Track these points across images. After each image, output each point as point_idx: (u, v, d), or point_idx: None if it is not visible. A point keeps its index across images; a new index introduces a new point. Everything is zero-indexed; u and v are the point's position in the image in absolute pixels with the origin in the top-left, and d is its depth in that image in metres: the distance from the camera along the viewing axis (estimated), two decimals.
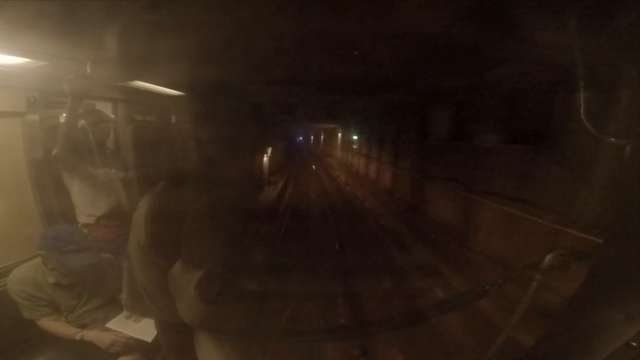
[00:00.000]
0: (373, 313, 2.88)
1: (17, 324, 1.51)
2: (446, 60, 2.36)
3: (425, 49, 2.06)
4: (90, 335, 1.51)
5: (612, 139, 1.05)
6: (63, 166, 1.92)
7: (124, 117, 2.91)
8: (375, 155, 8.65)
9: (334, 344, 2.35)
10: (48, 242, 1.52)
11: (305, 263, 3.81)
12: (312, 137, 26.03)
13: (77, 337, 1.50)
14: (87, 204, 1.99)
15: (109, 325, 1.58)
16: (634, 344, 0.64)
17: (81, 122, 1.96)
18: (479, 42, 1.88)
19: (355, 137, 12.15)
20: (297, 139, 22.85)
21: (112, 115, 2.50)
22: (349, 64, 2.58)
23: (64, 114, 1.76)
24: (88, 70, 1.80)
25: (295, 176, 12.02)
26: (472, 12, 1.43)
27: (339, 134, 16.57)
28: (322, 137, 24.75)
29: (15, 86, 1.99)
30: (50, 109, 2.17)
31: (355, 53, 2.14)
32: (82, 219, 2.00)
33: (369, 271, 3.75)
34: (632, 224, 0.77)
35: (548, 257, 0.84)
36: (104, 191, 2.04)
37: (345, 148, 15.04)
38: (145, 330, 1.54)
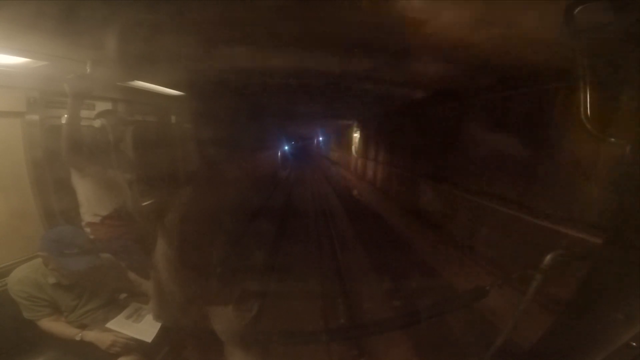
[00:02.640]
0: (373, 313, 2.88)
1: (17, 324, 1.51)
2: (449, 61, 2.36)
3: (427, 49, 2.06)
4: (90, 335, 1.51)
5: (612, 139, 1.05)
6: (73, 165, 1.93)
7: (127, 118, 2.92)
8: (374, 156, 8.61)
9: (334, 344, 2.35)
10: (49, 244, 1.52)
11: (309, 264, 3.81)
12: (312, 137, 25.96)
13: (77, 338, 1.50)
14: (93, 203, 1.99)
15: (109, 325, 1.58)
16: (634, 344, 0.64)
17: (101, 122, 1.98)
18: (478, 42, 1.88)
19: (354, 138, 12.10)
20: (298, 140, 22.78)
21: (129, 117, 2.53)
22: (349, 65, 2.58)
23: (66, 115, 1.77)
24: (88, 70, 1.81)
25: (296, 176, 12.00)
26: (472, 11, 1.43)
27: (339, 135, 16.54)
28: (321, 138, 24.75)
29: (15, 86, 1.99)
30: (50, 109, 2.17)
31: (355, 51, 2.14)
32: (87, 217, 2.00)
33: (369, 271, 3.75)
34: (632, 225, 0.77)
35: (548, 257, 0.84)
36: (111, 191, 2.04)
37: (344, 148, 14.97)
38: (145, 330, 1.54)
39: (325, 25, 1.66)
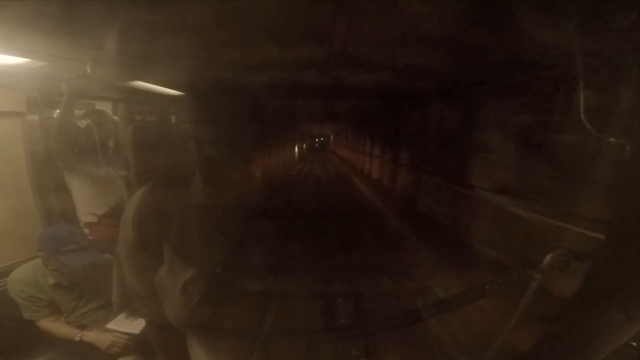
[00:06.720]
0: (373, 313, 2.88)
1: (17, 324, 1.51)
2: (446, 59, 2.36)
3: (425, 48, 2.06)
4: (90, 336, 1.51)
5: (612, 139, 1.05)
6: (64, 165, 1.92)
7: (124, 117, 2.92)
8: (381, 154, 8.53)
9: (334, 344, 2.35)
10: (47, 244, 1.51)
11: (303, 262, 3.81)
12: (315, 138, 25.74)
13: (77, 338, 1.50)
14: (89, 203, 1.99)
15: (109, 325, 1.58)
16: (634, 344, 0.64)
17: (86, 122, 1.97)
18: (478, 41, 1.88)
19: (357, 137, 12.00)
20: (300, 140, 22.67)
21: (115, 117, 2.52)
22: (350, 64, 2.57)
23: (58, 112, 1.77)
24: (88, 70, 1.81)
25: (298, 175, 11.97)
26: (472, 11, 1.43)
27: (342, 134, 16.39)
28: (323, 138, 24.59)
29: (15, 86, 1.99)
30: (50, 109, 2.17)
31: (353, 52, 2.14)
32: (85, 218, 1.99)
33: (371, 270, 3.75)
34: (632, 224, 0.77)
35: (548, 257, 0.84)
36: (106, 190, 2.04)
37: (349, 147, 14.73)
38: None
39: (325, 25, 1.66)
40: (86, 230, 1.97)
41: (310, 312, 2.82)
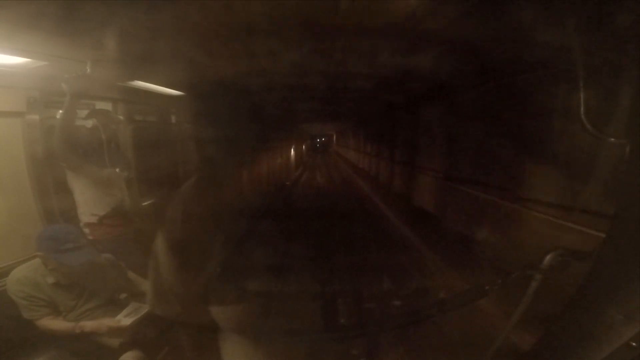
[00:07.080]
0: (374, 313, 2.87)
1: (17, 324, 1.51)
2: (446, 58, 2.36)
3: (425, 47, 2.06)
4: (89, 325, 1.51)
5: (612, 139, 1.05)
6: (67, 166, 1.92)
7: (124, 117, 2.92)
8: (380, 154, 8.50)
9: (334, 344, 2.35)
10: (45, 243, 1.52)
11: (317, 262, 3.79)
12: (317, 138, 25.53)
13: (77, 330, 1.50)
14: (90, 203, 1.99)
15: None
16: (634, 344, 0.64)
17: (92, 122, 1.97)
18: (478, 41, 1.89)
19: (359, 137, 11.94)
20: (304, 141, 22.53)
21: (120, 116, 2.52)
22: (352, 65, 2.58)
23: (61, 114, 1.77)
24: (88, 70, 1.81)
25: (303, 175, 11.88)
26: (472, 11, 1.43)
27: (344, 134, 16.31)
28: (325, 138, 24.49)
29: (15, 86, 1.99)
30: (50, 109, 2.18)
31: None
32: (85, 218, 1.99)
33: (372, 270, 3.74)
34: (632, 224, 0.77)
35: (548, 257, 0.84)
36: (108, 191, 2.04)
37: (351, 147, 14.62)
38: None
39: (324, 25, 1.66)
40: (86, 230, 1.97)
41: (313, 312, 2.81)
